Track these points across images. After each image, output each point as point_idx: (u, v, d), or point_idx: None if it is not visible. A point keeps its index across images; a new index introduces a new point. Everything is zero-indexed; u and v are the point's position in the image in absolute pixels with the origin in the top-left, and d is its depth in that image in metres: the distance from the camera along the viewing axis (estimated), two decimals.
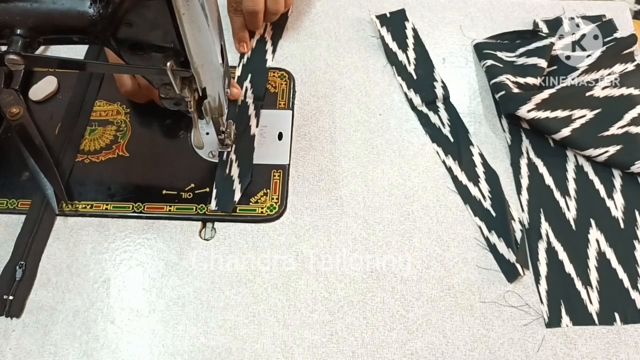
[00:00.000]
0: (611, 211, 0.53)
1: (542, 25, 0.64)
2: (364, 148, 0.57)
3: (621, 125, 0.55)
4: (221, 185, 0.53)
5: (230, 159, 0.55)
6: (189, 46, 0.38)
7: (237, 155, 0.55)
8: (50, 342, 0.47)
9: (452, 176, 0.55)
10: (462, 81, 0.61)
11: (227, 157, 0.55)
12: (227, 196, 0.53)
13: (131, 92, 0.55)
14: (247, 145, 0.56)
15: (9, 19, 0.38)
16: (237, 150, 0.55)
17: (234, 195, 0.53)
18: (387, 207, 0.53)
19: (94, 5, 0.38)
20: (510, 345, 0.47)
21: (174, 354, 0.46)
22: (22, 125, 0.56)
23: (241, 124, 0.57)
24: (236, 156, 0.55)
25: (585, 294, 0.49)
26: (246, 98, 0.59)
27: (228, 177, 0.54)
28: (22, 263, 0.50)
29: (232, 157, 0.55)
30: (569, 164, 0.56)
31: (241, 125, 0.57)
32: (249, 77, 0.60)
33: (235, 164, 0.54)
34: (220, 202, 0.52)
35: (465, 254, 0.51)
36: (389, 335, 0.47)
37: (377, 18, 0.65)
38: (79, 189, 0.54)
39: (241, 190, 0.53)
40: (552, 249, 0.51)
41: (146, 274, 0.50)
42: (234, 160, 0.55)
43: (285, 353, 0.46)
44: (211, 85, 0.43)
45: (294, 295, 0.49)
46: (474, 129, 0.58)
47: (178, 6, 0.35)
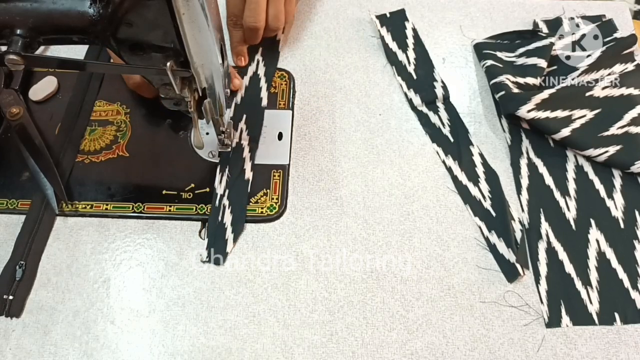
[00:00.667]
0: (611, 211, 0.53)
1: (542, 25, 0.64)
2: (364, 148, 0.57)
3: (621, 125, 0.55)
4: (213, 234, 0.51)
5: (223, 204, 0.52)
6: (189, 46, 0.38)
7: (230, 201, 0.52)
8: (50, 342, 0.47)
9: (452, 176, 0.55)
10: (462, 81, 0.61)
11: (219, 203, 0.52)
12: (220, 246, 0.50)
13: (138, 85, 0.55)
14: (240, 191, 0.53)
15: (9, 19, 0.38)
16: (230, 195, 0.52)
17: (227, 245, 0.50)
18: (387, 207, 0.53)
19: (94, 5, 0.38)
20: (510, 345, 0.47)
21: (174, 354, 0.46)
22: (22, 125, 0.56)
23: (235, 167, 0.54)
24: (229, 202, 0.52)
25: (585, 294, 0.49)
26: (241, 140, 0.55)
27: (220, 224, 0.51)
28: (22, 263, 0.50)
29: (225, 203, 0.52)
30: (569, 164, 0.56)
31: (235, 169, 0.54)
32: (244, 118, 0.57)
33: (229, 210, 0.52)
34: (212, 253, 0.50)
35: (465, 254, 0.51)
36: (389, 335, 0.47)
37: (377, 18, 0.65)
38: (79, 189, 0.54)
39: (234, 240, 0.51)
40: (552, 249, 0.51)
41: (146, 274, 0.50)
42: (227, 207, 0.52)
43: (285, 353, 0.46)
44: (211, 85, 0.43)
45: (294, 295, 0.49)
46: (474, 129, 0.58)
47: (178, 6, 0.35)
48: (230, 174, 0.53)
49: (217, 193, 0.52)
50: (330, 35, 0.64)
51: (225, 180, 0.53)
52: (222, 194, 0.52)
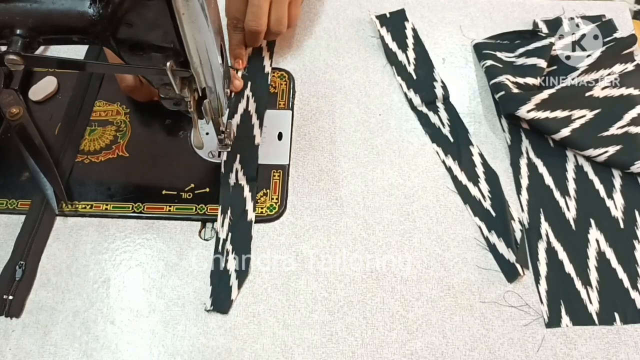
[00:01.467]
0: (611, 211, 0.53)
1: (542, 25, 0.64)
2: (364, 148, 0.57)
3: (621, 126, 0.55)
4: (217, 282, 0.49)
5: (227, 249, 0.50)
6: (189, 46, 0.38)
7: (233, 245, 0.50)
8: (50, 342, 0.47)
9: (452, 176, 0.55)
10: (462, 81, 0.61)
11: (222, 248, 0.50)
12: (224, 293, 0.48)
13: (132, 89, 0.55)
14: (243, 234, 0.51)
15: (9, 19, 0.38)
16: (232, 239, 0.50)
17: (231, 292, 0.48)
18: (387, 207, 0.53)
19: (93, 5, 0.38)
20: (510, 345, 0.47)
21: (174, 354, 0.46)
22: (22, 125, 0.56)
23: (237, 209, 0.52)
24: (232, 247, 0.50)
25: (585, 294, 0.49)
26: (238, 180, 0.53)
27: (224, 271, 0.49)
28: (22, 263, 0.50)
29: (228, 248, 0.50)
30: (568, 164, 0.56)
31: (236, 211, 0.52)
32: (238, 158, 0.54)
33: (232, 255, 0.50)
34: (216, 301, 0.48)
35: (465, 254, 0.51)
36: (389, 335, 0.47)
37: (376, 18, 0.65)
38: (79, 189, 0.54)
39: (238, 286, 0.49)
40: (552, 249, 0.51)
41: (146, 274, 0.50)
42: (230, 252, 0.50)
43: (285, 353, 0.46)
44: (211, 85, 0.43)
45: (294, 295, 0.49)
46: (473, 129, 0.58)
47: (178, 6, 0.35)
48: (232, 215, 0.51)
49: (220, 237, 0.50)
50: (330, 35, 0.64)
51: (228, 223, 0.51)
52: (224, 238, 0.50)
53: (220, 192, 0.53)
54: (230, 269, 0.49)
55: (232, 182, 0.53)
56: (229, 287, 0.48)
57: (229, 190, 0.53)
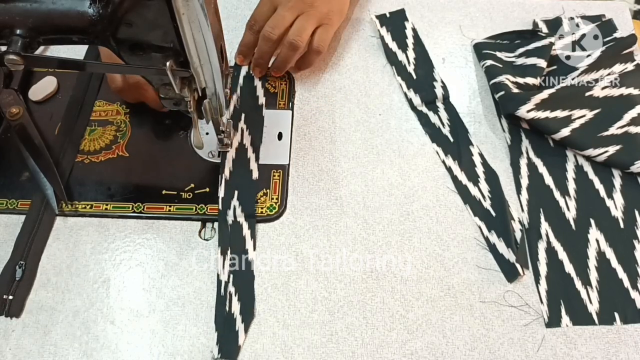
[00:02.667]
0: (611, 211, 0.53)
1: (542, 25, 0.64)
2: (364, 148, 0.57)
3: (621, 125, 0.55)
4: (222, 327, 0.47)
5: (230, 291, 0.48)
6: (189, 46, 0.38)
7: (236, 287, 0.48)
8: (50, 342, 0.47)
9: (452, 176, 0.54)
10: (462, 81, 0.61)
11: (225, 290, 0.48)
12: (230, 339, 0.46)
13: (120, 89, 0.55)
14: (246, 274, 0.49)
15: (9, 19, 0.38)
16: (235, 280, 0.49)
17: (238, 337, 0.46)
18: (387, 207, 0.53)
19: (93, 5, 0.38)
20: (510, 345, 0.47)
21: (174, 354, 0.46)
22: (21, 125, 0.56)
23: (238, 246, 0.50)
24: (235, 288, 0.48)
25: (585, 294, 0.49)
26: (237, 217, 0.51)
27: (229, 315, 0.47)
28: (22, 263, 0.50)
29: (230, 290, 0.48)
30: (568, 163, 0.56)
31: (238, 248, 0.50)
32: (236, 195, 0.53)
33: (236, 297, 0.48)
34: (223, 348, 0.46)
35: (465, 254, 0.51)
36: (389, 335, 0.47)
37: (376, 18, 0.65)
38: (79, 189, 0.54)
39: (245, 330, 0.47)
40: (552, 249, 0.51)
41: (146, 274, 0.50)
42: (234, 293, 0.48)
43: (285, 353, 0.46)
44: (211, 85, 0.43)
45: (294, 295, 0.49)
46: (473, 129, 0.58)
47: (178, 6, 0.35)
48: (234, 257, 0.50)
49: (222, 280, 0.49)
50: None
51: (229, 265, 0.49)
52: (226, 280, 0.49)
53: (218, 232, 0.51)
54: (234, 313, 0.47)
55: (230, 219, 0.51)
56: (236, 331, 0.47)
57: (228, 230, 0.51)
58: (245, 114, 0.57)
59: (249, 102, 0.58)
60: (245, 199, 0.52)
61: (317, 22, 0.56)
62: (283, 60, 0.57)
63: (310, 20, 0.56)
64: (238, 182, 0.53)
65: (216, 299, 0.48)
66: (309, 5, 0.56)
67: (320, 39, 0.57)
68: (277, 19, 0.55)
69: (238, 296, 0.48)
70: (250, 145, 0.55)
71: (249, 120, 0.57)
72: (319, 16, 0.56)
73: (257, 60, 0.59)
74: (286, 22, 0.55)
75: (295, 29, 0.55)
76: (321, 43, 0.57)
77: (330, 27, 0.58)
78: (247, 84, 0.60)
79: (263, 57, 0.58)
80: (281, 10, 0.56)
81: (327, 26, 0.58)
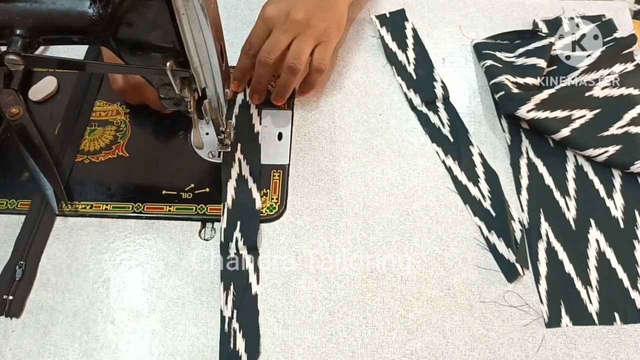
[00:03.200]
0: (611, 211, 0.53)
1: (542, 25, 0.63)
2: (364, 148, 0.57)
3: (621, 125, 0.55)
4: None
5: (234, 328, 0.47)
6: (189, 46, 0.38)
7: (240, 324, 0.47)
8: (50, 342, 0.47)
9: (452, 176, 0.54)
10: (462, 81, 0.61)
11: (229, 326, 0.47)
12: None
13: (121, 90, 0.55)
14: (250, 310, 0.48)
15: (9, 19, 0.38)
16: (239, 317, 0.47)
17: None
18: (387, 207, 0.53)
19: (93, 5, 0.38)
20: (510, 345, 0.47)
21: (174, 354, 0.46)
22: (22, 125, 0.56)
23: (239, 283, 0.49)
24: (239, 324, 0.47)
25: (585, 294, 0.49)
26: (239, 250, 0.50)
27: (234, 353, 0.46)
28: (22, 263, 0.50)
29: (235, 327, 0.47)
30: (568, 164, 0.56)
31: (240, 285, 0.49)
32: (238, 226, 0.51)
33: (240, 334, 0.47)
34: None
35: (465, 254, 0.51)
36: (389, 335, 0.47)
37: (376, 18, 0.65)
38: (79, 189, 0.54)
39: None
40: (552, 249, 0.51)
41: (146, 274, 0.50)
42: (238, 330, 0.47)
43: (285, 353, 0.46)
44: (211, 85, 0.43)
45: (294, 295, 0.49)
46: (473, 129, 0.58)
47: (178, 6, 0.35)
48: (236, 292, 0.48)
49: (225, 316, 0.47)
50: None
51: (232, 300, 0.48)
52: (230, 316, 0.47)
53: (221, 267, 0.50)
54: (239, 350, 0.46)
55: (233, 252, 0.50)
56: None
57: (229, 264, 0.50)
58: (242, 143, 0.55)
59: (245, 131, 0.56)
60: (248, 230, 0.51)
61: (314, 42, 0.55)
62: (284, 86, 0.55)
63: (307, 40, 0.54)
64: (240, 212, 0.52)
65: (220, 335, 0.47)
66: (304, 25, 0.54)
67: (320, 57, 0.55)
68: (272, 42, 0.54)
69: (242, 333, 0.47)
70: (250, 175, 0.53)
71: (245, 151, 0.55)
72: (315, 35, 0.54)
73: (254, 86, 0.57)
74: (282, 46, 0.54)
75: (293, 52, 0.54)
76: (322, 61, 0.55)
77: (329, 44, 0.56)
78: (242, 111, 0.57)
79: (261, 82, 0.56)
80: (276, 34, 0.54)
81: (326, 43, 0.56)
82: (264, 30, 0.55)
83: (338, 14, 0.57)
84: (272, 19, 0.55)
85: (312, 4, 0.55)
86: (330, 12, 0.56)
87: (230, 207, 0.52)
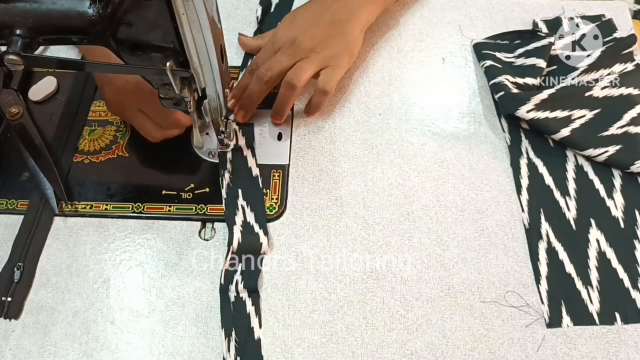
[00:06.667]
0: (611, 211, 0.53)
1: (542, 25, 0.63)
2: (364, 148, 0.57)
3: (621, 125, 0.55)
4: None
5: None
6: (189, 46, 0.38)
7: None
8: (50, 343, 0.47)
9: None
10: (462, 81, 0.61)
11: None
12: None
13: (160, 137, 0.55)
14: (253, 354, 0.46)
15: (9, 19, 0.38)
16: None
17: None
18: (386, 207, 0.53)
19: (93, 5, 0.38)
20: (510, 345, 0.47)
21: (174, 354, 0.46)
22: (21, 125, 0.56)
23: (242, 328, 0.47)
24: None
25: (586, 294, 0.49)
26: (239, 293, 0.48)
27: None
28: (20, 264, 0.50)
29: None
30: (568, 163, 0.56)
31: (242, 331, 0.47)
32: (239, 269, 0.50)
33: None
34: None
35: (465, 254, 0.51)
36: (389, 335, 0.47)
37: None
38: (79, 189, 0.54)
39: None
40: (552, 249, 0.51)
41: (146, 274, 0.50)
42: None
43: (285, 353, 0.46)
44: (211, 85, 0.43)
45: (294, 295, 0.49)
46: (474, 129, 0.58)
47: (178, 6, 0.35)
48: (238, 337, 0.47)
49: None
50: None
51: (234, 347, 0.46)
52: None
53: (220, 311, 0.48)
54: None
55: (233, 295, 0.48)
56: None
57: (230, 308, 0.48)
58: (242, 189, 0.53)
59: (243, 175, 0.54)
60: (249, 274, 0.49)
61: (319, 65, 0.54)
62: (281, 101, 0.55)
63: (310, 63, 0.54)
64: (245, 257, 0.50)
65: None
66: (308, 50, 0.54)
67: (327, 79, 0.54)
68: (273, 61, 0.54)
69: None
70: (256, 222, 0.51)
71: (247, 196, 0.53)
72: (320, 60, 0.54)
73: (243, 100, 0.56)
74: (282, 65, 0.54)
75: (294, 70, 0.54)
76: (327, 83, 0.54)
77: (338, 69, 0.55)
78: (236, 157, 0.55)
79: (251, 97, 0.55)
80: (279, 55, 0.55)
81: (334, 67, 0.55)
82: (271, 53, 0.56)
83: (350, 40, 0.56)
84: (279, 42, 0.56)
85: (322, 32, 0.55)
86: (341, 38, 0.55)
87: (235, 250, 0.50)
